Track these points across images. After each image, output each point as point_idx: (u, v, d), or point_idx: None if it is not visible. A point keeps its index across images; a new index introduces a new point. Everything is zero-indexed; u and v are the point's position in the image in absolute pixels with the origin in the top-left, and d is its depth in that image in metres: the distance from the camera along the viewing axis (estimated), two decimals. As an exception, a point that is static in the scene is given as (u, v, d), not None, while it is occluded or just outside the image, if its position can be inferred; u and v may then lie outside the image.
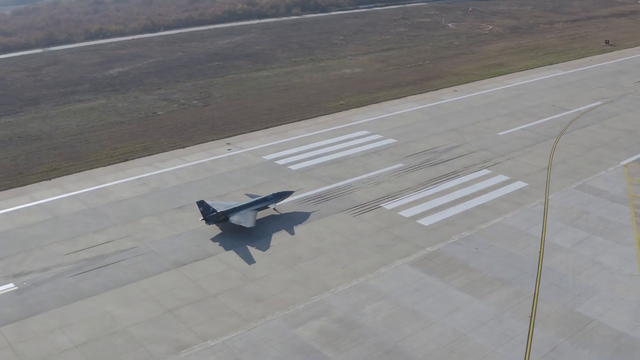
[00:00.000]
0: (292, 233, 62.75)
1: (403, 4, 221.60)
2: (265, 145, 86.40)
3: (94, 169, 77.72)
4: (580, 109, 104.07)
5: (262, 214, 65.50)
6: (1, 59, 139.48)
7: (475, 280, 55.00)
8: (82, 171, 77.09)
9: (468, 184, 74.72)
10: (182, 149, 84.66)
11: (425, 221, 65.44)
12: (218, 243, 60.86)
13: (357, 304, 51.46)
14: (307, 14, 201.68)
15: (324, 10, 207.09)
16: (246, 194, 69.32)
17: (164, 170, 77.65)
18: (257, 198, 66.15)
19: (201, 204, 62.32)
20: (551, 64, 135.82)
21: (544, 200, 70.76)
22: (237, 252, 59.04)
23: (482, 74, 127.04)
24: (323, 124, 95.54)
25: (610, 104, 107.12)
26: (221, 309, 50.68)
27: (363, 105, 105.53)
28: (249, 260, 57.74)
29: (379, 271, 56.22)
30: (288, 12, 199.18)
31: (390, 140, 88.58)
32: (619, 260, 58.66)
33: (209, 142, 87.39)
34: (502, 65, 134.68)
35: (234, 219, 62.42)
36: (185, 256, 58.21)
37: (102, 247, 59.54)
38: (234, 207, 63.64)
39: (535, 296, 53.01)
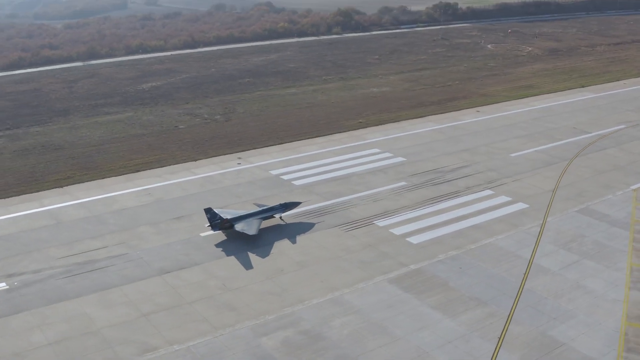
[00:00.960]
0: (293, 242, 64.69)
1: (445, 24, 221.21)
2: (275, 160, 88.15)
3: (106, 179, 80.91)
4: (602, 132, 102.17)
5: (269, 223, 67.89)
6: (43, 70, 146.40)
7: (451, 300, 54.98)
8: (94, 180, 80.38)
9: (467, 204, 74.55)
10: (193, 162, 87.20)
11: (415, 239, 65.66)
12: (221, 249, 63.06)
13: (327, 317, 52.21)
14: (347, 33, 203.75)
15: (365, 30, 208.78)
16: (254, 204, 71.39)
17: (171, 181, 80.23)
18: (264, 207, 68.49)
19: (208, 211, 64.95)
20: (583, 86, 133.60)
21: (541, 222, 69.98)
22: (228, 261, 60.68)
23: (509, 95, 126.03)
24: (337, 141, 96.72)
25: (634, 127, 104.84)
26: (193, 315, 52.25)
27: (382, 124, 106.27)
28: (234, 269, 59.24)
29: (357, 286, 56.82)
30: (328, 31, 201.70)
31: (399, 159, 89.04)
32: (605, 285, 57.65)
33: (221, 156, 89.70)
34: (532, 87, 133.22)
35: (239, 226, 64.85)
36: (171, 264, 60.18)
37: (95, 253, 62.13)
38: (240, 216, 66.12)
39: (509, 317, 52.62)
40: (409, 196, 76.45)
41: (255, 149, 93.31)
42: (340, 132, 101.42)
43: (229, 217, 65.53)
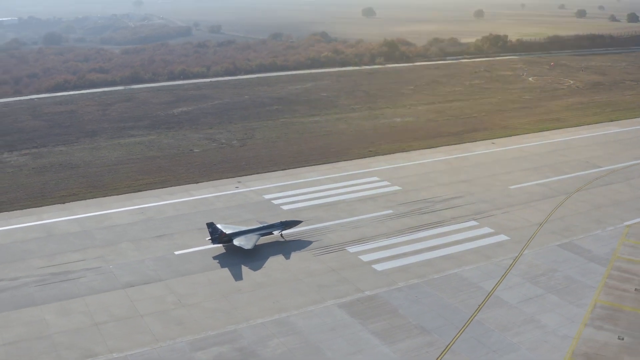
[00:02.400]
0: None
1: (493, 57, 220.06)
2: (273, 185, 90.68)
3: (107, 197, 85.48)
4: (614, 166, 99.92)
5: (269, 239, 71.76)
6: (84, 93, 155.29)
7: (395, 327, 55.54)
8: (96, 198, 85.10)
9: (446, 234, 74.71)
10: (195, 184, 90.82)
11: (381, 266, 66.48)
12: (215, 260, 65.80)
13: (266, 336, 53.82)
14: (390, 64, 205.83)
15: (409, 61, 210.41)
16: (257, 221, 75.13)
17: (166, 202, 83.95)
18: (264, 224, 72.01)
19: (210, 226, 69.14)
20: (612, 120, 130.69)
21: (516, 255, 69.38)
22: (192, 278, 63.36)
23: (532, 128, 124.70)
24: (339, 169, 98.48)
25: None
26: (141, 328, 54.93)
27: (391, 153, 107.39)
28: (194, 287, 61.78)
29: (306, 309, 58.19)
30: (371, 62, 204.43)
31: (395, 188, 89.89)
32: (561, 321, 56.82)
33: (222, 179, 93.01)
34: (559, 120, 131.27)
35: (237, 241, 68.62)
36: (137, 279, 63.29)
37: (72, 265, 66.03)
38: (240, 231, 70.06)
39: (447, 347, 52.72)
40: (391, 224, 77.22)
41: (258, 173, 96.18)
42: (347, 160, 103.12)
43: (228, 231, 69.28)
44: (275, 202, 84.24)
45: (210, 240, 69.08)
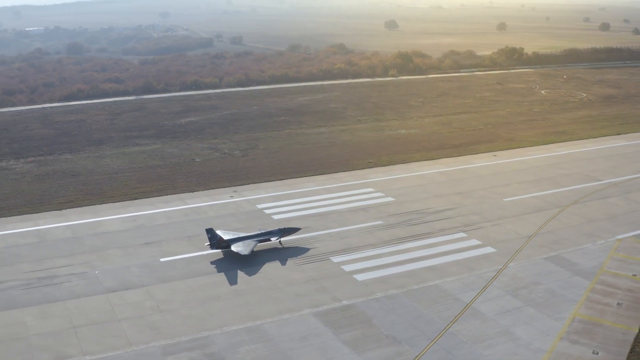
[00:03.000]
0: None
1: (508, 69, 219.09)
2: (267, 195, 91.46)
3: (103, 204, 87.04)
4: (614, 180, 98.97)
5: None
6: (95, 102, 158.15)
7: (367, 336, 55.75)
8: (92, 205, 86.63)
9: (433, 245, 74.75)
10: (190, 193, 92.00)
11: (362, 276, 66.74)
12: (210, 265, 66.91)
13: (237, 343, 54.43)
14: (403, 76, 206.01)
15: (422, 73, 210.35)
16: (258, 228, 76.43)
17: (159, 210, 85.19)
18: (262, 231, 73.53)
19: (209, 231, 71.01)
20: (619, 133, 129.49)
21: (500, 267, 69.12)
22: (172, 285, 64.25)
23: (536, 141, 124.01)
24: (336, 179, 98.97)
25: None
26: (117, 332, 55.93)
27: (390, 164, 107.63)
28: (173, 293, 62.66)
29: (281, 317, 58.69)
30: (384, 74, 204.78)
31: (388, 199, 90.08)
32: (536, 334, 56.51)
33: (219, 189, 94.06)
34: (565, 133, 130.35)
35: (235, 247, 70.18)
36: (119, 284, 64.42)
37: (58, 269, 67.43)
38: (238, 237, 71.63)
39: (416, 358, 52.78)
40: (379, 235, 77.44)
41: (255, 183, 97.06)
42: (345, 171, 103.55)
43: (227, 237, 70.87)
44: (267, 211, 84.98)
45: (209, 246, 70.58)
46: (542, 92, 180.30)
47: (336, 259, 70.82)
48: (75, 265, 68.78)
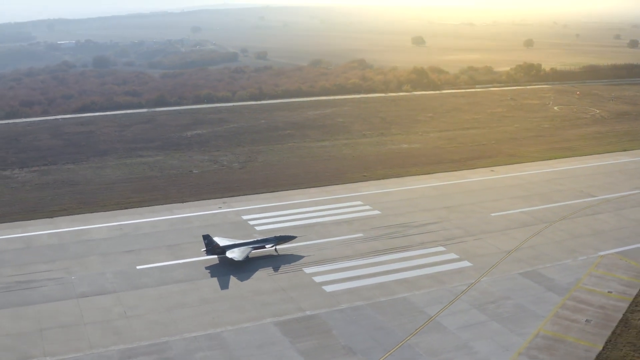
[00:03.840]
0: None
1: (524, 85, 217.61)
2: (255, 206, 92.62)
3: (94, 213, 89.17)
4: (609, 196, 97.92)
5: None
6: (107, 114, 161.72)
7: (324, 346, 56.26)
8: (83, 214, 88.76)
9: (409, 258, 74.90)
10: (180, 204, 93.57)
11: (331, 287, 67.27)
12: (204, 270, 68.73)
13: (194, 349, 55.45)
14: (418, 91, 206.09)
15: (436, 88, 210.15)
16: (255, 234, 78.85)
17: (147, 219, 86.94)
18: (258, 238, 75.94)
19: (206, 238, 73.34)
20: (625, 150, 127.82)
21: (472, 282, 68.97)
22: (144, 291, 65.63)
23: (539, 157, 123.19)
24: (328, 192, 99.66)
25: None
26: (81, 335, 57.49)
27: (385, 178, 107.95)
28: (143, 299, 63.99)
29: (242, 325, 59.56)
30: (398, 89, 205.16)
31: (375, 212, 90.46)
32: (495, 349, 56.41)
33: (209, 200, 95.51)
34: (570, 149, 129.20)
35: (229, 253, 72.40)
36: (92, 290, 66.07)
37: (38, 274, 69.43)
38: (234, 244, 74.02)
39: (369, 368, 53.09)
40: (357, 247, 77.87)
41: (246, 195, 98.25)
42: (338, 184, 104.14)
43: (222, 244, 73.30)
44: (252, 222, 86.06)
45: (205, 252, 72.65)
46: (555, 108, 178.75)
47: (309, 270, 71.46)
48: (55, 270, 70.64)
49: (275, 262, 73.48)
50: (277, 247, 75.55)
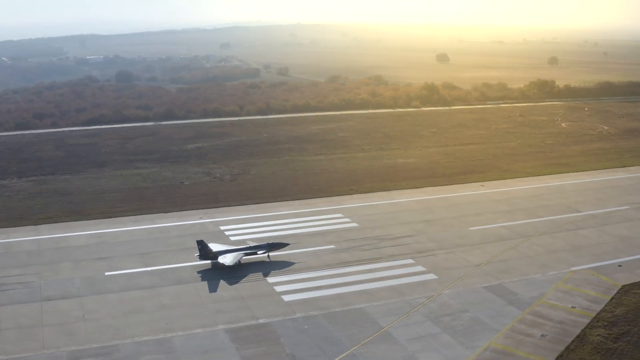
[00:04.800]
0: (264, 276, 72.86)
1: (536, 102, 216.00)
2: (235, 217, 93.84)
3: (77, 222, 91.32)
4: (596, 211, 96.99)
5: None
6: (115, 127, 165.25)
7: (268, 354, 56.96)
8: (67, 222, 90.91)
9: (374, 270, 75.26)
10: (163, 214, 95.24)
11: (290, 297, 67.96)
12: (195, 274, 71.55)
13: (141, 352, 56.65)
14: (426, 107, 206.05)
15: (446, 104, 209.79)
16: (248, 241, 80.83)
17: (126, 228, 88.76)
18: (251, 245, 78.32)
19: (199, 243, 75.65)
20: (624, 166, 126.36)
21: (433, 294, 68.97)
22: (106, 296, 67.07)
23: (532, 172, 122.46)
24: (310, 205, 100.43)
25: (638, 210, 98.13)
26: (36, 336, 59.23)
27: (372, 192, 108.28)
28: (103, 303, 65.41)
29: (193, 331, 60.58)
30: (407, 105, 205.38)
31: (352, 225, 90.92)
32: (440, 360, 56.38)
33: (192, 210, 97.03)
34: (567, 165, 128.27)
35: (221, 258, 74.83)
36: (58, 294, 67.82)
37: (10, 278, 71.55)
38: (226, 249, 76.44)
39: (308, 376, 53.54)
40: (325, 258, 78.46)
41: (230, 206, 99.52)
42: (323, 197, 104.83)
43: (215, 249, 75.65)
44: (228, 232, 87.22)
45: (198, 256, 75.03)
46: (563, 124, 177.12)
47: (272, 280, 72.24)
48: (27, 275, 72.64)
49: (242, 271, 74.36)
50: (271, 253, 77.60)
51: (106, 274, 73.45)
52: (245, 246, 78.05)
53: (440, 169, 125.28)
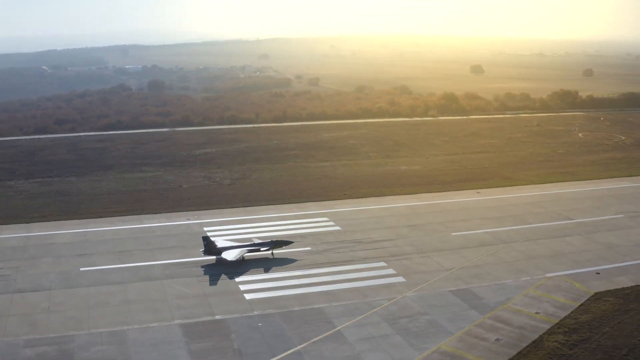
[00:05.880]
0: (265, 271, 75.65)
1: (558, 112, 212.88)
2: (221, 219, 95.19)
3: (69, 220, 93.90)
4: (587, 219, 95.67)
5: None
6: (129, 132, 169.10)
7: (216, 348, 57.87)
8: (59, 220, 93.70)
9: (342, 272, 75.57)
10: (153, 214, 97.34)
11: (252, 295, 68.85)
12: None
13: (93, 343, 58.22)
14: (444, 116, 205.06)
15: (464, 114, 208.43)
16: (254, 239, 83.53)
17: (113, 227, 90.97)
18: (255, 242, 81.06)
19: (205, 239, 78.56)
20: (630, 175, 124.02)
21: (397, 297, 69.01)
22: (76, 290, 69.01)
23: (534, 180, 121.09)
24: (300, 208, 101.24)
25: (632, 218, 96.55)
26: (0, 324, 61.23)
27: (364, 197, 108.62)
28: (71, 296, 67.31)
29: (148, 325, 61.95)
30: (424, 114, 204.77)
31: (335, 228, 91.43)
32: (386, 361, 56.52)
33: (182, 212, 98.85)
34: (572, 174, 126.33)
35: (225, 254, 77.44)
36: (30, 287, 70.18)
37: (-13, 271, 74.18)
38: (230, 246, 79.15)
39: (247, 371, 54.36)
40: (299, 259, 79.06)
41: (220, 208, 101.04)
42: (314, 201, 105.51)
43: (220, 245, 78.39)
44: (210, 233, 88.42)
45: (203, 252, 77.67)
46: (580, 134, 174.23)
47: (240, 279, 73.26)
48: (5, 269, 75.21)
49: (212, 269, 75.59)
50: (275, 251, 79.79)
51: (81, 269, 75.48)
52: (249, 243, 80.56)
53: (441, 176, 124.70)
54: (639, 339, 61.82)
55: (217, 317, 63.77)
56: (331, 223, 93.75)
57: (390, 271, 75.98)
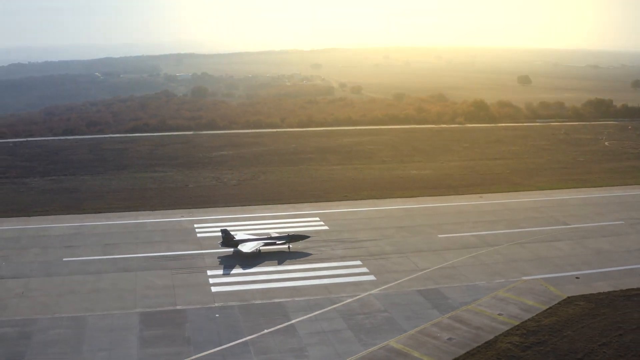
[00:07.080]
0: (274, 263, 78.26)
1: (590, 121, 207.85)
2: (213, 217, 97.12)
3: (69, 215, 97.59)
4: (584, 225, 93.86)
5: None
6: (153, 135, 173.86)
7: (167, 336, 59.67)
8: (59, 215, 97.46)
9: (315, 269, 76.57)
10: (150, 211, 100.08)
11: (218, 289, 70.44)
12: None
13: (53, 327, 60.88)
14: (471, 123, 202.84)
15: (493, 121, 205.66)
16: (272, 233, 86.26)
17: (107, 222, 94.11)
18: (272, 235, 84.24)
19: (224, 232, 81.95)
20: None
21: (362, 295, 69.28)
22: (54, 279, 71.81)
23: (543, 187, 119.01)
24: (295, 209, 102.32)
25: (631, 225, 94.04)
26: (-31, 308, 64.63)
27: (363, 199, 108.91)
28: (47, 284, 70.09)
29: (110, 312, 64.24)
30: (451, 121, 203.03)
31: (323, 228, 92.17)
32: (327, 355, 57.36)
33: (178, 209, 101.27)
34: (584, 181, 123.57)
35: (241, 246, 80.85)
36: (12, 274, 73.89)
37: (-26, 261, 77.97)
38: (248, 239, 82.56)
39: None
40: (276, 256, 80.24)
41: (217, 207, 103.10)
42: (311, 202, 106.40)
43: (237, 238, 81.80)
44: (198, 230, 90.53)
45: (221, 244, 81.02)
46: (606, 143, 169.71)
47: (212, 272, 74.87)
48: (-8, 257, 78.90)
49: (190, 264, 77.38)
50: (291, 244, 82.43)
51: (64, 259, 78.51)
52: (266, 236, 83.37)
53: (449, 181, 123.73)
54: (599, 343, 60.36)
55: (178, 307, 65.45)
56: (321, 223, 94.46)
57: (363, 270, 76.25)
